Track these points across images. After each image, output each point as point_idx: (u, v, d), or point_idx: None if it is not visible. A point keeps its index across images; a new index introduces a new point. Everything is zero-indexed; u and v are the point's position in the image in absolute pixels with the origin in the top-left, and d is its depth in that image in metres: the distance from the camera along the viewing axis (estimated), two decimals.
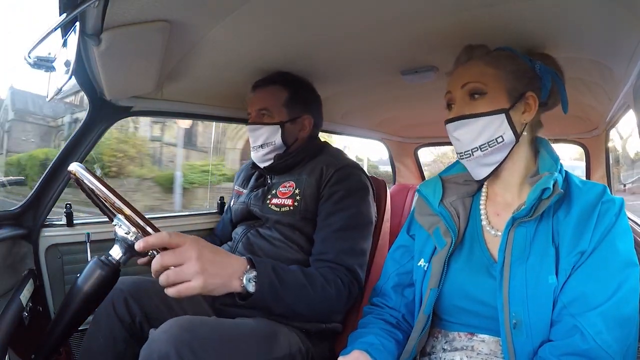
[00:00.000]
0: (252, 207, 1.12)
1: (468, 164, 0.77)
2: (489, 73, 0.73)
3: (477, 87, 0.73)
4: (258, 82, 1.14)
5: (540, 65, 0.75)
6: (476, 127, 0.72)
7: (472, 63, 0.76)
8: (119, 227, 0.85)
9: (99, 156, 6.50)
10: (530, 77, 0.75)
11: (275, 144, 1.10)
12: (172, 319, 0.82)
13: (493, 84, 0.73)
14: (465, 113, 0.73)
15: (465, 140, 0.74)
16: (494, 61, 0.74)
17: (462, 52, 0.79)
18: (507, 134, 0.72)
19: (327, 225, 1.00)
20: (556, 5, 0.69)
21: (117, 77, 0.96)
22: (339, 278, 0.93)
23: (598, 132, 1.63)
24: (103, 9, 0.64)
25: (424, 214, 0.81)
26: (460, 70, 0.77)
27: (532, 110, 0.74)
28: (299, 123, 1.13)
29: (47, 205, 1.16)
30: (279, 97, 1.11)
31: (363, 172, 1.10)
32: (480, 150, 0.73)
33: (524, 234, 0.68)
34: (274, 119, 1.11)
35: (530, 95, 0.74)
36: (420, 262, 0.78)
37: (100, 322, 0.95)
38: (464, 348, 0.72)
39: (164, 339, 0.76)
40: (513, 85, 0.73)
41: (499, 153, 0.73)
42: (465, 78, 0.75)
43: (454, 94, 0.76)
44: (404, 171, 2.34)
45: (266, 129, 1.10)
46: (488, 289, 0.69)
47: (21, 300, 0.93)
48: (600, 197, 0.67)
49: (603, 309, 0.60)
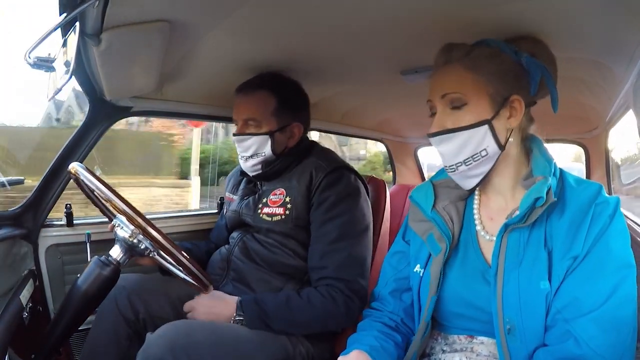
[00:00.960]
0: (244, 216, 1.10)
1: (454, 176, 0.74)
2: (467, 79, 0.69)
3: (456, 98, 0.69)
4: (243, 85, 1.07)
5: (527, 59, 0.70)
6: (458, 142, 0.69)
7: (449, 68, 0.71)
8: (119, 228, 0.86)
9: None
10: (515, 76, 0.70)
11: (265, 154, 1.06)
12: (168, 323, 0.82)
13: (473, 91, 0.69)
14: (446, 127, 0.70)
15: (448, 154, 0.71)
16: (473, 64, 0.70)
17: (440, 53, 0.73)
18: (490, 147, 0.69)
19: (322, 235, 0.98)
20: (556, 5, 0.69)
21: (117, 77, 0.96)
22: (338, 295, 0.93)
23: (598, 132, 1.63)
24: (103, 9, 0.64)
25: (417, 220, 0.79)
26: (439, 75, 0.73)
27: (518, 115, 0.70)
28: (288, 131, 1.08)
29: (47, 205, 1.16)
30: (267, 106, 1.05)
31: (354, 172, 1.08)
32: (464, 164, 0.70)
33: (517, 239, 0.67)
34: (262, 128, 1.05)
35: (516, 99, 0.70)
36: (416, 268, 0.77)
37: (103, 319, 0.96)
38: (464, 350, 0.72)
39: (160, 343, 0.77)
40: (495, 89, 0.69)
41: (484, 165, 0.70)
42: (444, 87, 0.71)
43: (435, 102, 0.73)
44: (404, 171, 2.34)
45: (255, 140, 1.05)
46: (483, 295, 0.69)
47: (21, 300, 0.93)
48: (594, 198, 0.65)
49: (596, 314, 0.59)
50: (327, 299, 0.93)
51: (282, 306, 0.93)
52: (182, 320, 0.87)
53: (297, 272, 1.03)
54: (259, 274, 1.03)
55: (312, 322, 0.94)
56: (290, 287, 1.02)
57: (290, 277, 1.03)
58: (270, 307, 0.92)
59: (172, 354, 0.75)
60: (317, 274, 0.98)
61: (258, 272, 1.04)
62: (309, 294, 0.94)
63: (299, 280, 1.04)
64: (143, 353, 0.77)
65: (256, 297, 0.94)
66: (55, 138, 7.74)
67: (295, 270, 1.03)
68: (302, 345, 0.96)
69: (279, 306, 0.93)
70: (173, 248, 0.80)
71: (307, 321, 0.93)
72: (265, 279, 1.03)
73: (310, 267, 1.00)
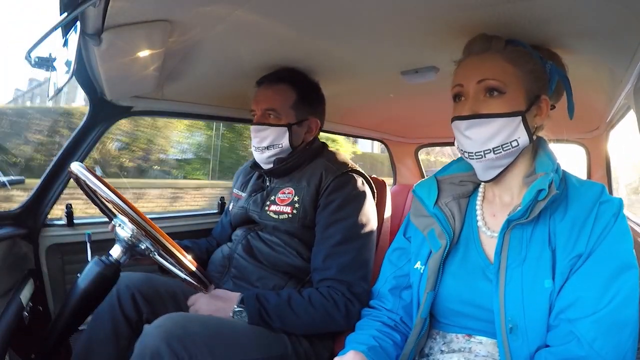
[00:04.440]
0: (251, 212, 1.11)
1: (477, 164, 0.73)
2: (508, 71, 0.69)
3: (496, 85, 0.68)
4: (265, 78, 1.09)
5: (551, 66, 0.73)
6: (491, 128, 0.68)
7: (489, 56, 0.71)
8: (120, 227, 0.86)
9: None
10: (545, 79, 0.72)
11: (282, 146, 1.07)
12: (166, 314, 0.83)
13: (513, 83, 0.69)
14: (480, 111, 0.69)
15: (477, 140, 0.70)
16: (513, 58, 0.70)
17: (477, 41, 0.73)
18: (522, 138, 0.69)
19: (327, 238, 0.98)
20: (556, 5, 0.69)
21: (118, 77, 0.96)
22: (339, 297, 0.93)
23: (598, 132, 1.63)
24: (104, 8, 0.64)
25: (419, 215, 0.79)
26: (476, 61, 0.72)
27: (544, 114, 0.72)
28: (305, 125, 1.11)
29: (48, 205, 1.17)
30: (287, 98, 1.07)
31: (362, 175, 1.09)
32: (493, 152, 0.69)
33: (520, 237, 0.67)
34: (281, 120, 1.07)
35: (544, 99, 0.71)
36: (417, 265, 0.77)
37: (103, 317, 0.96)
38: (462, 350, 0.72)
39: (156, 334, 0.77)
40: (530, 87, 0.70)
41: (511, 156, 0.71)
42: (483, 73, 0.69)
43: (467, 87, 0.71)
44: (404, 171, 2.34)
45: (273, 130, 1.07)
46: (484, 293, 0.69)
47: (21, 300, 0.93)
48: (597, 197, 0.65)
49: (599, 315, 0.59)
50: (328, 300, 0.93)
51: (283, 305, 0.93)
52: (180, 313, 0.87)
53: (299, 272, 1.03)
54: (261, 272, 1.03)
55: (311, 323, 0.94)
56: (291, 286, 1.02)
57: (292, 277, 1.04)
58: (272, 304, 0.92)
59: (168, 344, 0.76)
60: (319, 275, 0.98)
61: (260, 271, 1.04)
62: (310, 294, 0.94)
63: (300, 280, 1.04)
64: (139, 344, 0.78)
65: (258, 294, 0.94)
66: None
67: (297, 270, 1.03)
68: (301, 344, 0.96)
69: (280, 305, 0.92)
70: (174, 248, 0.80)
71: (307, 322, 0.93)
72: (266, 277, 1.03)
73: (313, 267, 1.00)
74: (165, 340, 0.76)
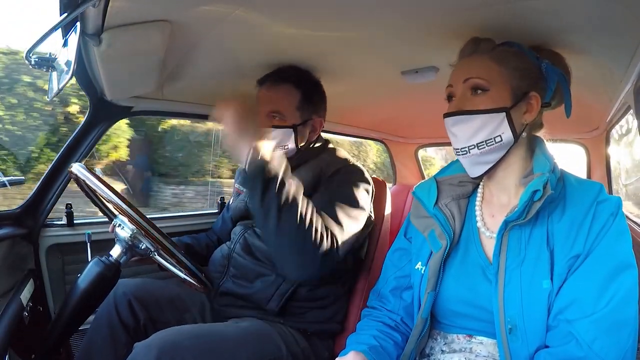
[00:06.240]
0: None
1: (464, 160, 0.75)
2: (493, 69, 0.71)
3: (479, 83, 0.71)
4: (268, 77, 1.07)
5: (547, 65, 0.73)
6: (474, 124, 0.70)
7: (476, 57, 0.74)
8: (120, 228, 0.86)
9: None
10: (536, 77, 0.73)
11: (288, 147, 1.05)
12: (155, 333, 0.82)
13: (496, 80, 0.71)
14: (464, 108, 0.71)
15: (462, 136, 0.72)
16: (499, 57, 0.72)
17: (468, 44, 0.76)
18: (505, 134, 0.70)
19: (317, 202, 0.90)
20: (556, 5, 0.69)
21: (118, 77, 0.96)
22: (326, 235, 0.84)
23: (598, 132, 1.63)
24: (104, 8, 0.64)
25: (419, 216, 0.80)
26: (464, 63, 0.75)
27: (534, 111, 0.72)
28: (309, 125, 1.09)
29: (48, 205, 1.17)
30: (291, 99, 1.05)
31: (364, 171, 1.08)
32: (477, 148, 0.71)
33: (518, 237, 0.67)
34: (286, 121, 1.04)
35: (534, 95, 0.72)
36: (418, 266, 0.77)
37: (101, 325, 0.95)
38: (463, 350, 0.72)
39: (146, 352, 0.77)
40: (517, 84, 0.71)
41: (496, 152, 0.71)
42: (468, 72, 0.72)
43: (455, 87, 0.74)
44: (404, 172, 2.34)
45: (279, 132, 1.03)
46: (484, 293, 0.69)
47: (21, 300, 0.93)
48: (595, 197, 0.65)
49: (598, 315, 0.59)
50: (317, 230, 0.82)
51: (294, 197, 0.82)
52: (170, 328, 0.86)
53: None
54: (259, 269, 1.03)
55: (295, 231, 0.81)
56: (289, 283, 1.02)
57: None
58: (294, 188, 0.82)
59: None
60: None
61: (258, 267, 1.03)
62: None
63: None
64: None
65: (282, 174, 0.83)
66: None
67: None
68: (298, 345, 0.96)
69: (297, 196, 0.82)
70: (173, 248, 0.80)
71: (294, 228, 0.81)
72: (264, 274, 1.03)
73: None
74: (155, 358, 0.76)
